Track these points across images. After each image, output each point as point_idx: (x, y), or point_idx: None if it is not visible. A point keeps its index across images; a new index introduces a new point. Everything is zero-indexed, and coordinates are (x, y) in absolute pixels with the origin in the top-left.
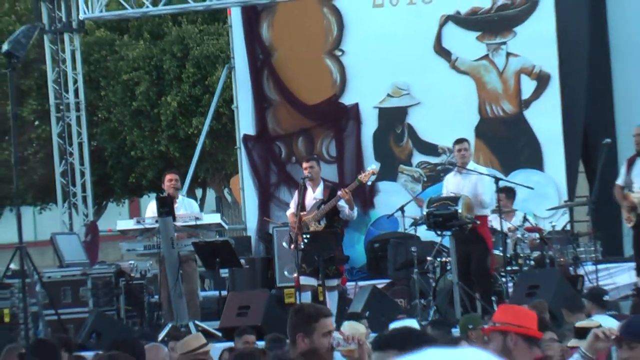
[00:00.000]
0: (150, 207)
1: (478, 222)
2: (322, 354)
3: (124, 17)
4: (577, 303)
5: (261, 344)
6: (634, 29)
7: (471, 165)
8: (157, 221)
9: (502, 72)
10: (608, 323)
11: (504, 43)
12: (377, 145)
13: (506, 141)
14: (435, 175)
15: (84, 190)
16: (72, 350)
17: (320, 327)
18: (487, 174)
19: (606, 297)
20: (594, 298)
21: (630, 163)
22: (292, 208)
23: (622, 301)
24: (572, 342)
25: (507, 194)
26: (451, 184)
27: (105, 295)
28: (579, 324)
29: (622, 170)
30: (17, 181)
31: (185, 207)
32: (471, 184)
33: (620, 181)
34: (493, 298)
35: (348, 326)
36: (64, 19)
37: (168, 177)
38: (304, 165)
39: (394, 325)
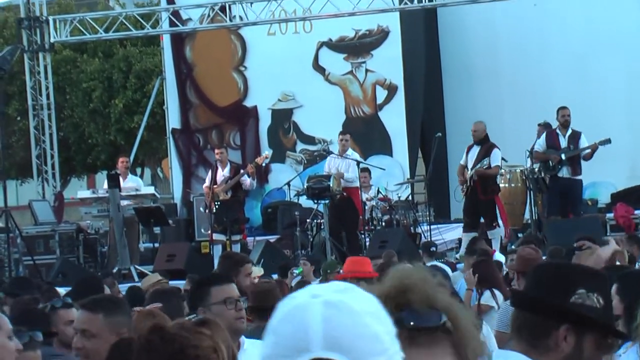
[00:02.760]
0: (105, 182)
1: (344, 193)
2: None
3: (83, 41)
4: (414, 255)
5: (183, 282)
6: (459, 50)
7: (349, 151)
8: (107, 192)
9: (362, 83)
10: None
11: (364, 62)
12: (270, 137)
13: (365, 134)
14: (312, 159)
15: (53, 168)
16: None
17: (245, 270)
18: (357, 160)
19: (433, 249)
20: (425, 249)
21: (468, 150)
22: (207, 182)
23: (449, 252)
24: None
25: (366, 173)
26: (333, 165)
27: (68, 246)
28: None
29: (464, 154)
30: (3, 161)
31: (133, 182)
32: (347, 165)
33: (462, 161)
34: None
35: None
36: (39, 42)
37: (120, 159)
38: (216, 151)
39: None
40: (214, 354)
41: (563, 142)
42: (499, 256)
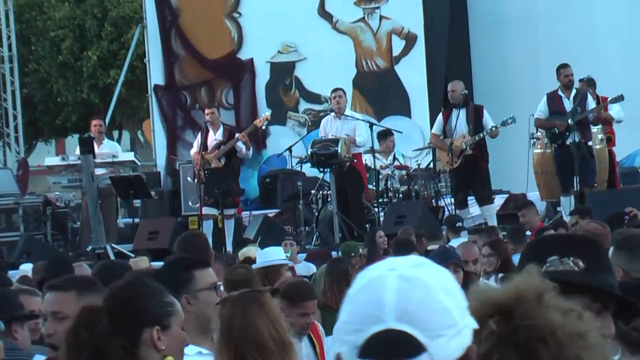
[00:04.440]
0: (77, 148)
1: (355, 160)
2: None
3: None
4: (434, 232)
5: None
6: None
7: (348, 111)
8: (79, 158)
9: (376, 32)
10: None
11: (378, 8)
12: (269, 95)
13: (379, 92)
14: (318, 121)
15: (16, 131)
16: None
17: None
18: (362, 119)
19: (459, 224)
20: (449, 224)
21: (446, 115)
22: (195, 147)
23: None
24: None
25: (387, 137)
26: (331, 127)
27: (34, 221)
28: (430, 248)
29: (438, 120)
30: None
31: (109, 148)
32: (350, 127)
33: (436, 130)
34: (367, 226)
35: (244, 250)
36: None
37: (93, 122)
38: (206, 111)
39: (260, 252)
40: None
41: (568, 105)
42: None
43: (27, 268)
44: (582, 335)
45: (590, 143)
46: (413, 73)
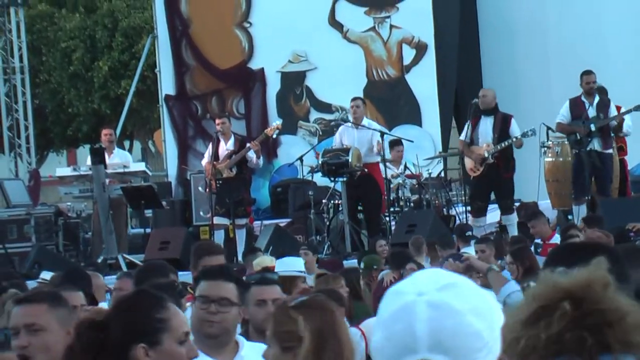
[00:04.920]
0: (88, 158)
1: (365, 170)
2: None
3: None
4: (447, 240)
5: (181, 274)
6: (498, 4)
7: (365, 121)
8: (90, 169)
9: (387, 41)
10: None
11: (388, 17)
12: (280, 104)
13: (390, 100)
14: (329, 130)
15: (27, 142)
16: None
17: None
18: (379, 129)
19: (469, 233)
20: (459, 234)
21: (475, 122)
22: (207, 158)
23: (490, 237)
24: None
25: (394, 146)
26: (347, 137)
27: (46, 232)
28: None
29: (467, 128)
30: None
31: (120, 157)
32: (367, 137)
33: (464, 137)
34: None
35: (260, 260)
36: None
37: (104, 132)
38: (217, 121)
39: (279, 262)
40: None
41: (591, 112)
42: None
43: (47, 276)
44: None
45: (610, 150)
46: (424, 82)
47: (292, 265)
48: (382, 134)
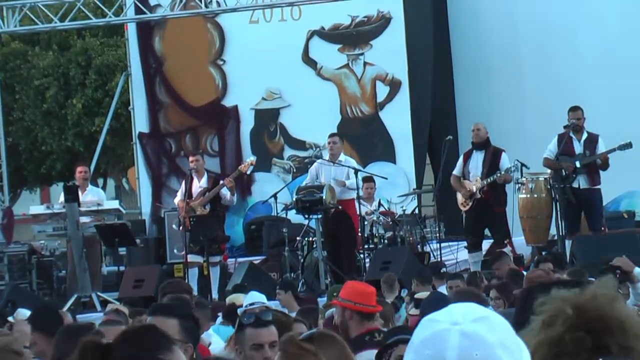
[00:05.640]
0: (61, 196)
1: (340, 207)
2: None
3: (35, 31)
4: (426, 275)
5: None
6: (473, 39)
7: (342, 157)
8: (64, 207)
9: (360, 78)
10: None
11: (362, 54)
12: (254, 141)
13: (364, 137)
14: (303, 167)
15: (0, 180)
16: None
17: None
18: (354, 167)
19: (443, 270)
20: (434, 271)
21: (467, 157)
22: (180, 195)
23: (464, 274)
24: (413, 311)
25: (364, 183)
26: (323, 173)
27: (19, 270)
28: (417, 296)
29: (459, 162)
30: None
31: (93, 194)
32: (343, 173)
33: (456, 172)
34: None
35: (233, 298)
36: None
37: (78, 169)
38: (191, 158)
39: (247, 298)
40: None
41: (578, 148)
42: None
43: (24, 315)
44: None
45: (598, 186)
46: (398, 119)
47: (256, 298)
48: (357, 171)
